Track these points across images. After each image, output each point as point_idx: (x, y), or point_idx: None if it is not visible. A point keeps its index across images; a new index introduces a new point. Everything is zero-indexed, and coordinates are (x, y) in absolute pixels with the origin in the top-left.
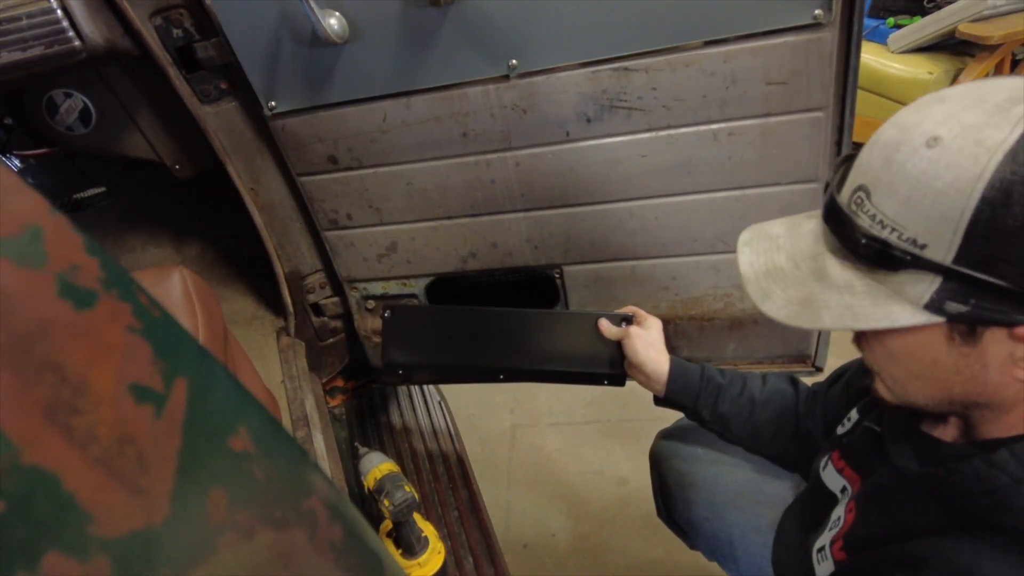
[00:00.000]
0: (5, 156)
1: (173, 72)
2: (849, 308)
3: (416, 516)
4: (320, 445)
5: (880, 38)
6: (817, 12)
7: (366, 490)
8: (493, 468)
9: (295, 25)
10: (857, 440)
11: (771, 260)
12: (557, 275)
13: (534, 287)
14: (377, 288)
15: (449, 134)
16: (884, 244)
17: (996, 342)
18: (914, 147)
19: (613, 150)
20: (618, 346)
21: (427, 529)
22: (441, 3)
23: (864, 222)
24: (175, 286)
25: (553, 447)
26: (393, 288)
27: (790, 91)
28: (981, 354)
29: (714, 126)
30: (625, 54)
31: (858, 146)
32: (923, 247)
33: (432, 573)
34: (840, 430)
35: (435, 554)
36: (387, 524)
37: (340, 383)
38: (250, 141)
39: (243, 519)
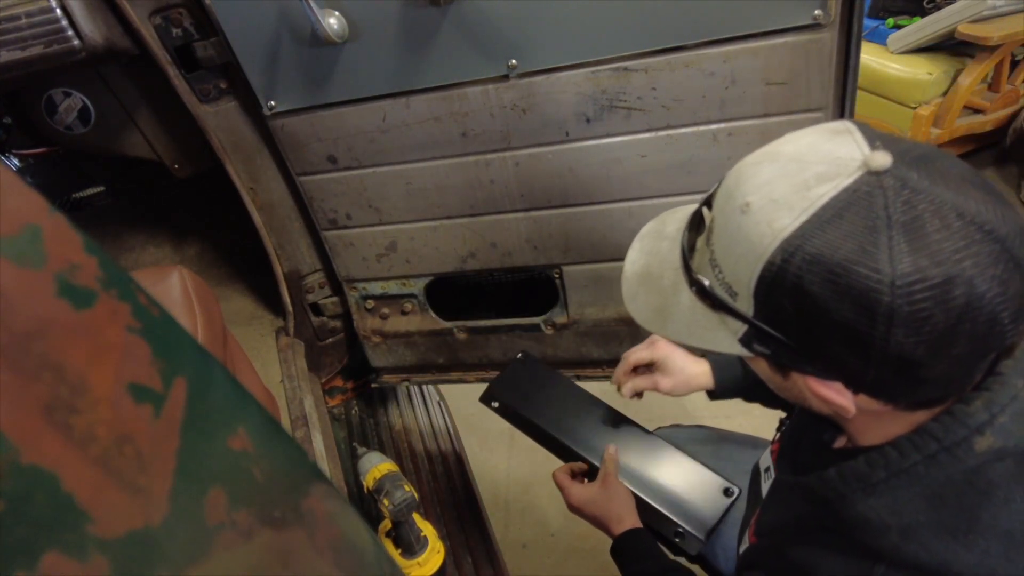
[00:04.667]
0: (4, 155)
1: (172, 71)
2: (688, 326)
3: (415, 516)
4: (319, 445)
5: (880, 38)
6: (817, 12)
7: (365, 490)
8: (492, 468)
9: (295, 24)
10: (788, 429)
11: (648, 264)
12: (557, 275)
13: (534, 287)
14: (376, 288)
15: (449, 134)
16: (705, 290)
17: (801, 380)
18: (734, 207)
19: (612, 150)
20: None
21: (426, 529)
22: (441, 3)
23: (705, 255)
24: (174, 286)
25: None
26: (392, 288)
27: (790, 91)
28: (795, 385)
29: (713, 126)
30: (625, 54)
31: None
32: (735, 296)
33: (431, 573)
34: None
35: (434, 554)
36: (386, 524)
37: (339, 383)
38: (249, 140)
39: (242, 519)
